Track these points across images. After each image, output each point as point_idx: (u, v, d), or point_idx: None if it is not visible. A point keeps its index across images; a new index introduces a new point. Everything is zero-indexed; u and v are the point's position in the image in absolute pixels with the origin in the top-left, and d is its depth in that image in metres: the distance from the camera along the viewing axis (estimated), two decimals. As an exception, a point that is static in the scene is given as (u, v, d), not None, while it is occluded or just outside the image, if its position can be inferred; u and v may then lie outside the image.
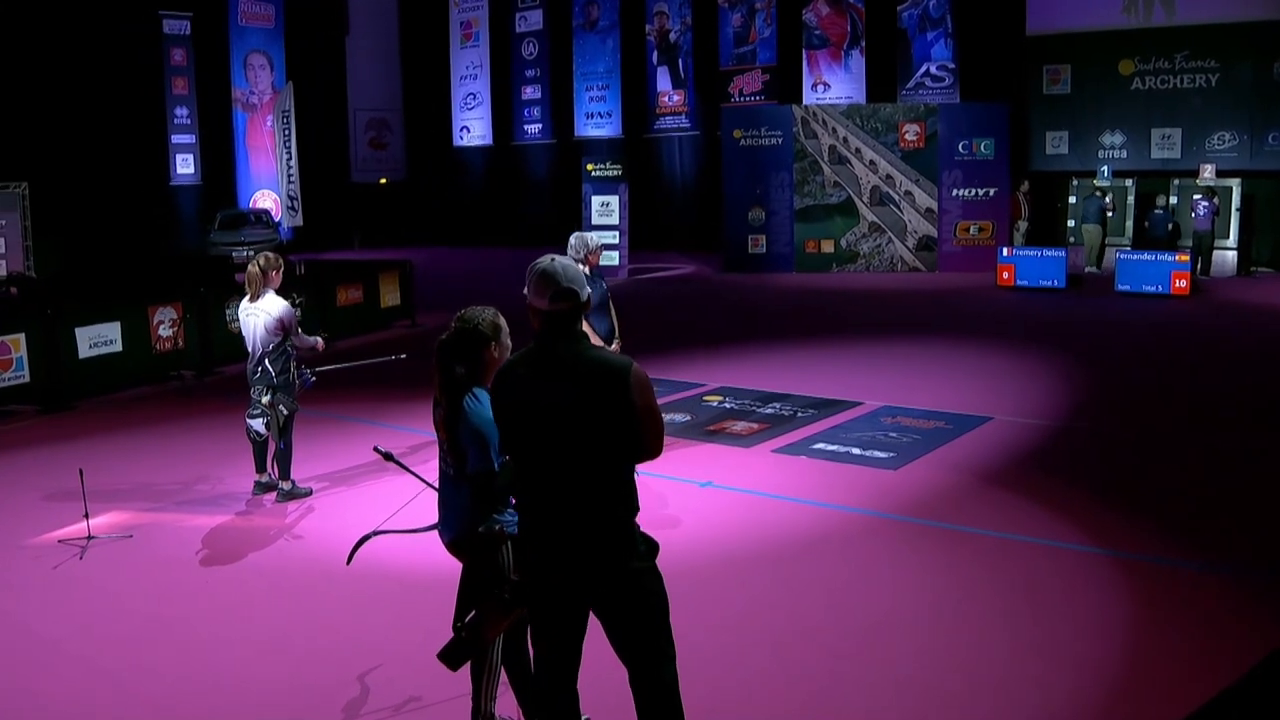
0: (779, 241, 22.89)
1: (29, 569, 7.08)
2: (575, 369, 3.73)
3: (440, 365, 4.39)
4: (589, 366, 3.74)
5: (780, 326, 16.10)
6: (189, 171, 30.26)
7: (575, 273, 3.83)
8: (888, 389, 11.40)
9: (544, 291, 3.81)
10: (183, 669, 5.58)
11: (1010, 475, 8.41)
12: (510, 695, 4.65)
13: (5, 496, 8.66)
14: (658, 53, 29.36)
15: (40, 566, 7.11)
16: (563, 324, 3.80)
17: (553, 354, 3.79)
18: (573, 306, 3.80)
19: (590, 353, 3.78)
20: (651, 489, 8.27)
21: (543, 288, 3.81)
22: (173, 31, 29.29)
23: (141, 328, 12.75)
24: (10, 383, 11.46)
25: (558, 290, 3.79)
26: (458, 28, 34.08)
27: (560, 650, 3.92)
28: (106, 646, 5.90)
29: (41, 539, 7.59)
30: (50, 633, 6.11)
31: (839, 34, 25.42)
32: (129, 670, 5.62)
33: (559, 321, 3.81)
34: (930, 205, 21.98)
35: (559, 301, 3.80)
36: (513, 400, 3.83)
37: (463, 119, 34.69)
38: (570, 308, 3.80)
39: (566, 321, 3.81)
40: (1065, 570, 6.50)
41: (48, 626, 6.20)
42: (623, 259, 23.31)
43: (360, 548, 5.03)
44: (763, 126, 22.92)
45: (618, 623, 3.85)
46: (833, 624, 5.87)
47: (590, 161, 23.74)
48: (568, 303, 3.80)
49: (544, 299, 3.80)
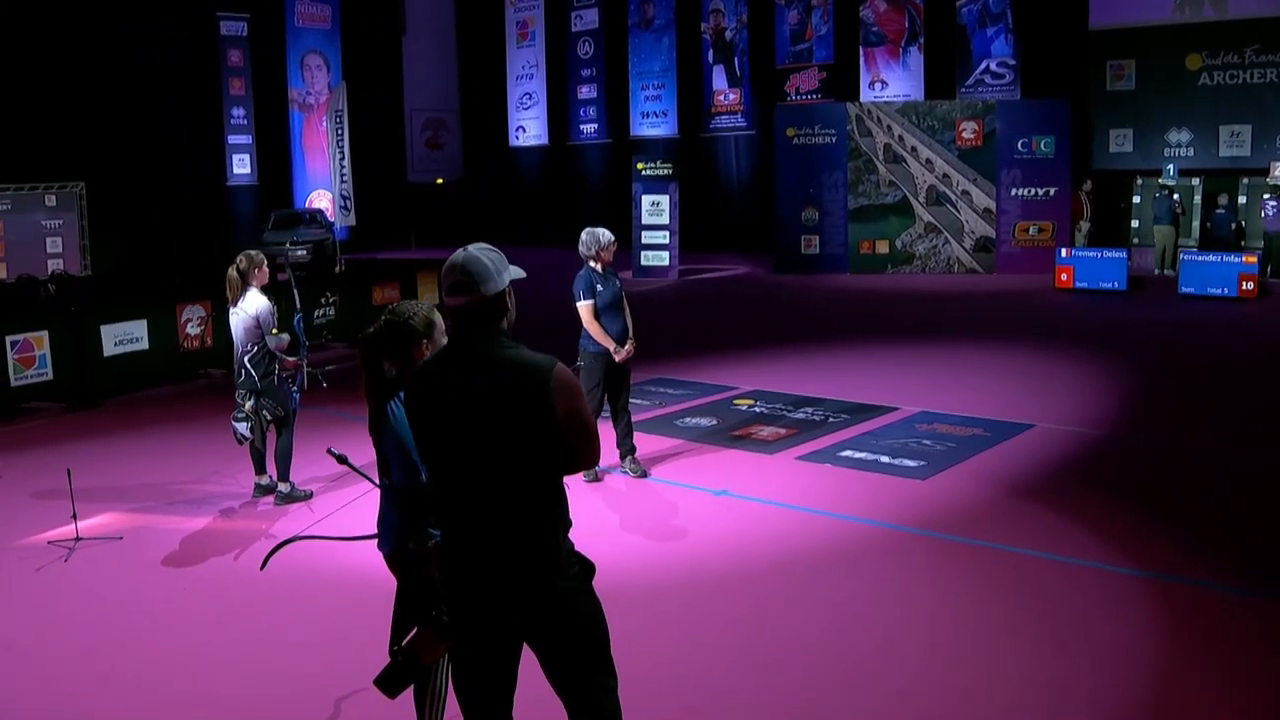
0: (833, 242, 22.38)
1: (11, 570, 6.87)
2: (489, 371, 3.35)
3: (366, 363, 4.04)
4: (505, 368, 3.35)
5: (826, 329, 15.61)
6: (245, 172, 30.34)
7: (480, 264, 3.41)
8: (927, 394, 10.90)
9: (443, 284, 3.44)
10: (142, 679, 5.30)
11: (1045, 488, 7.89)
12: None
13: (8, 494, 8.49)
14: (713, 51, 28.94)
15: (23, 568, 6.89)
16: (473, 321, 3.42)
17: (466, 355, 3.41)
18: (473, 301, 3.39)
19: (506, 353, 3.39)
20: (662, 497, 7.91)
21: (443, 280, 3.44)
22: (230, 33, 29.37)
23: (169, 326, 12.60)
24: (33, 380, 11.35)
25: (454, 283, 3.41)
26: (514, 27, 33.90)
27: (489, 686, 3.53)
28: (66, 653, 5.63)
29: (31, 539, 7.38)
30: (12, 636, 5.87)
31: (897, 31, 24.81)
32: (85, 679, 5.34)
33: (468, 318, 3.42)
34: (988, 205, 21.33)
35: (455, 295, 3.41)
36: (424, 406, 3.46)
37: (518, 119, 34.51)
38: (470, 302, 3.39)
39: (477, 318, 3.41)
40: (1093, 591, 6.00)
41: (12, 630, 5.96)
42: (673, 259, 22.92)
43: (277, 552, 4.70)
44: (816, 125, 22.42)
45: (546, 651, 3.47)
46: (834, 643, 5.44)
47: (642, 160, 23.36)
48: (464, 296, 3.39)
49: (444, 292, 3.44)
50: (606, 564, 6.63)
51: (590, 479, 8.28)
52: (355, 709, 4.88)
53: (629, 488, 8.23)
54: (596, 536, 7.16)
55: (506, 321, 3.51)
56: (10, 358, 11.11)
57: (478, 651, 3.50)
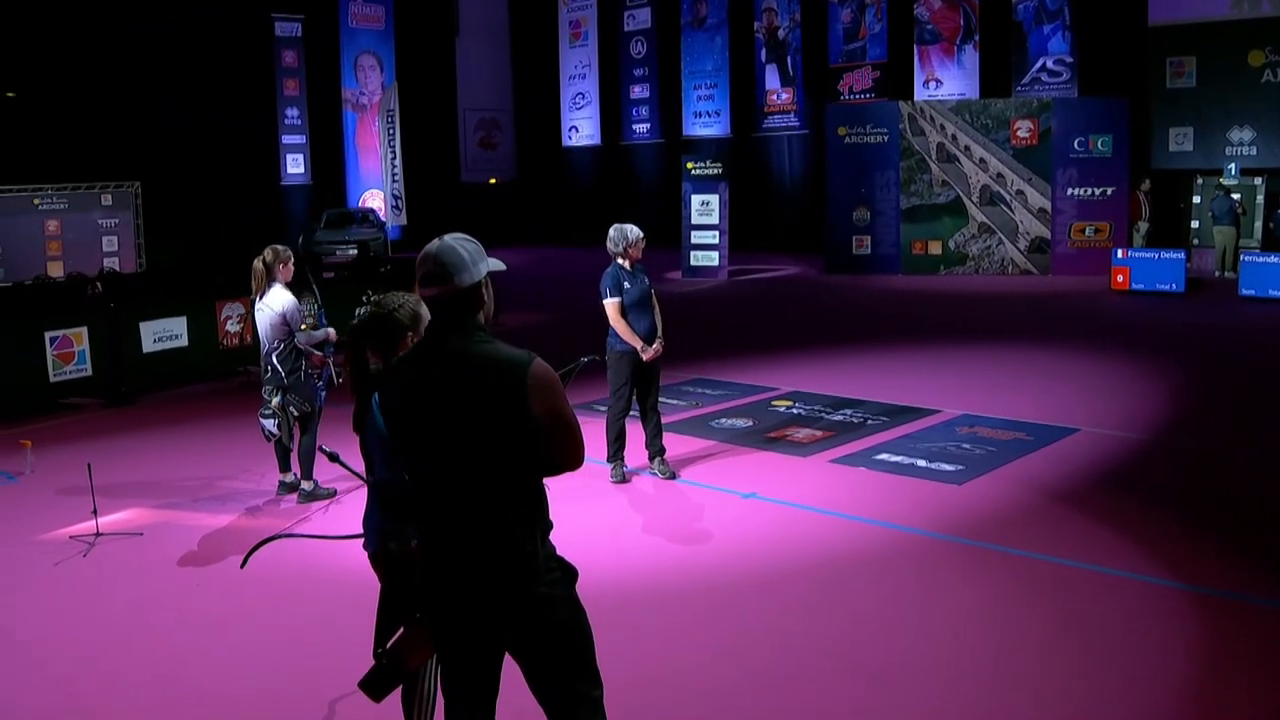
0: (884, 243, 22.07)
1: (30, 564, 6.85)
2: (463, 366, 3.20)
3: (351, 356, 3.91)
4: (479, 363, 3.19)
5: (872, 330, 15.35)
6: (299, 171, 30.58)
7: (455, 255, 3.26)
8: (970, 397, 10.64)
9: (417, 274, 3.29)
10: (145, 678, 5.21)
11: (1085, 494, 7.61)
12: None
13: (36, 489, 8.50)
14: (766, 50, 28.72)
15: (42, 562, 6.87)
16: (447, 314, 3.26)
17: (439, 349, 3.26)
18: (446, 293, 3.24)
19: (481, 347, 3.22)
20: (689, 499, 7.75)
21: (416, 270, 3.30)
22: (284, 34, 29.62)
23: (209, 323, 12.62)
24: (72, 376, 11.41)
25: (426, 273, 3.26)
26: (567, 27, 33.88)
27: (469, 691, 3.38)
28: (72, 649, 5.56)
29: (53, 534, 7.36)
30: (20, 631, 5.83)
31: (952, 28, 24.45)
32: (89, 676, 5.26)
33: (441, 310, 3.27)
34: (1043, 205, 20.91)
35: (428, 286, 3.26)
36: (397, 402, 3.31)
37: (571, 119, 34.48)
38: (443, 294, 3.24)
39: (451, 311, 3.26)
40: (1128, 602, 5.73)
41: (22, 625, 5.92)
42: (723, 259, 22.73)
43: (257, 550, 4.57)
44: (868, 124, 22.12)
45: (525, 658, 3.31)
46: (851, 654, 5.23)
47: (691, 160, 23.19)
48: (437, 287, 3.24)
49: (416, 282, 3.30)
50: (623, 566, 6.53)
51: (617, 480, 8.13)
52: (352, 711, 4.75)
53: (656, 489, 8.07)
54: (617, 538, 7.02)
55: (484, 315, 3.36)
56: (50, 353, 11.16)
57: (456, 656, 3.36)
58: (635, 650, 5.35)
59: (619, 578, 6.34)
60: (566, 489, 7.99)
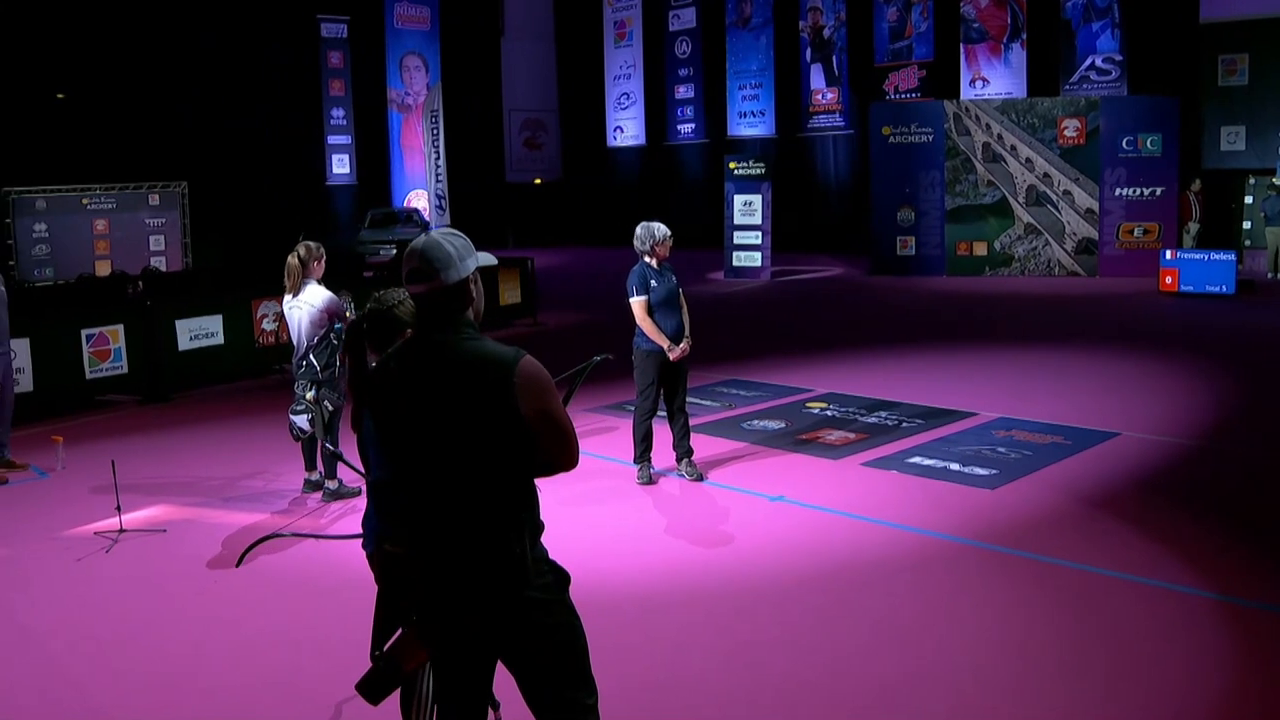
0: (929, 243, 21.82)
1: (52, 559, 6.87)
2: (450, 364, 3.11)
3: (351, 353, 3.84)
4: (465, 361, 3.11)
5: (914, 331, 15.13)
6: (345, 171, 30.75)
7: (442, 250, 3.17)
8: (1010, 399, 10.43)
9: (403, 270, 3.21)
10: (154, 674, 5.17)
11: (1123, 500, 7.41)
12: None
13: (66, 485, 8.54)
14: (811, 50, 28.53)
15: (65, 558, 6.88)
16: (434, 310, 3.18)
17: (426, 347, 3.18)
18: (432, 289, 3.16)
19: (468, 344, 3.14)
20: (715, 502, 7.63)
21: (403, 265, 3.22)
22: (330, 35, 29.79)
23: (244, 321, 12.65)
24: (108, 373, 11.48)
25: (412, 269, 3.17)
26: (611, 27, 33.85)
27: (461, 697, 3.30)
28: (85, 645, 5.55)
29: (78, 530, 7.38)
30: (36, 625, 5.83)
31: (999, 27, 24.14)
32: (99, 672, 5.24)
33: (428, 306, 3.19)
34: (1091, 206, 20.57)
35: (414, 282, 3.18)
36: (383, 400, 3.23)
37: (616, 119, 34.44)
38: (430, 290, 3.16)
39: (438, 307, 3.18)
40: (1161, 612, 5.54)
41: (38, 619, 5.91)
42: (765, 260, 22.58)
43: (255, 548, 4.50)
44: (913, 123, 21.87)
45: (516, 665, 3.22)
46: (869, 662, 5.08)
47: (734, 159, 23.05)
48: (424, 284, 3.16)
49: (403, 278, 3.22)
50: (641, 569, 6.42)
51: (644, 481, 8.03)
52: (361, 712, 4.68)
53: (682, 491, 7.96)
54: (638, 540, 6.92)
55: (473, 311, 3.27)
56: (86, 351, 11.23)
57: (447, 660, 3.28)
58: (643, 654, 5.26)
59: (635, 580, 6.24)
60: (592, 490, 7.95)
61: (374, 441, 3.58)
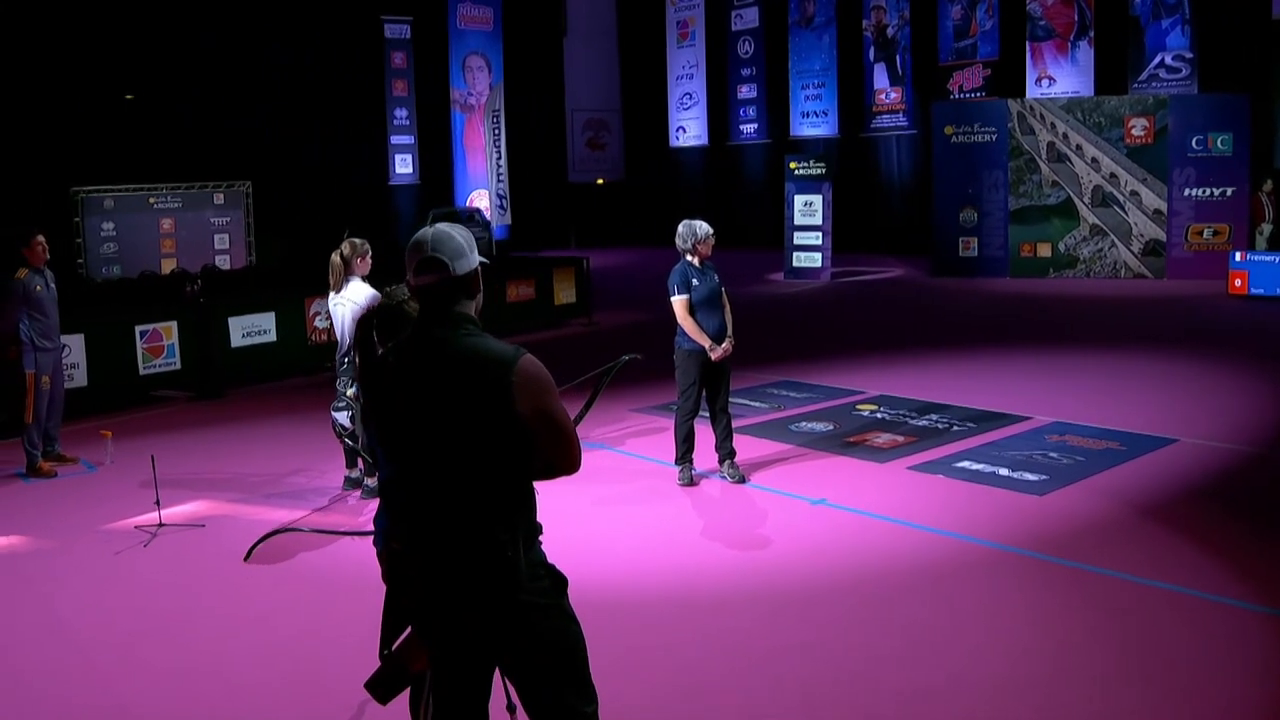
0: (992, 244, 21.45)
1: (91, 552, 6.95)
2: (448, 360, 3.05)
3: (360, 347, 3.78)
4: (463, 358, 3.04)
5: (973, 333, 14.85)
6: (408, 171, 30.90)
7: (453, 242, 3.13)
8: (1065, 403, 10.18)
9: (410, 262, 3.16)
10: (176, 668, 5.18)
11: (1176, 509, 7.18)
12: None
13: (113, 479, 8.64)
14: (875, 49, 28.20)
15: (103, 551, 6.96)
16: (440, 301, 3.12)
17: (425, 342, 3.12)
18: (441, 280, 3.10)
19: (466, 341, 3.07)
20: (755, 504, 7.52)
21: (410, 258, 3.16)
22: (393, 35, 29.95)
23: (296, 318, 12.74)
24: (161, 369, 11.61)
25: (423, 259, 3.12)
26: (674, 27, 33.75)
27: (458, 702, 3.23)
28: (112, 638, 5.58)
29: (119, 524, 7.45)
30: (67, 618, 5.88)
31: (1066, 24, 23.68)
32: (126, 664, 5.26)
33: (435, 297, 3.13)
34: (1159, 206, 20.09)
35: (424, 273, 3.12)
36: (379, 396, 3.18)
37: (679, 119, 34.33)
38: (441, 280, 3.11)
39: (445, 299, 3.12)
40: (1206, 626, 5.33)
41: (72, 612, 5.96)
42: (825, 260, 22.35)
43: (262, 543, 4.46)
44: (975, 122, 21.52)
45: (513, 670, 3.15)
46: (897, 670, 4.94)
47: (795, 159, 22.85)
48: (434, 275, 3.10)
49: (410, 271, 3.16)
50: (673, 570, 6.32)
51: (684, 482, 7.93)
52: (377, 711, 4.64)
53: (723, 493, 7.85)
54: (673, 542, 6.84)
55: (475, 306, 3.21)
56: (139, 347, 11.36)
57: (443, 663, 3.21)
58: (667, 657, 5.18)
59: (666, 582, 6.16)
60: (632, 490, 7.88)
61: (374, 437, 3.53)
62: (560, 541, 6.72)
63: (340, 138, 28.50)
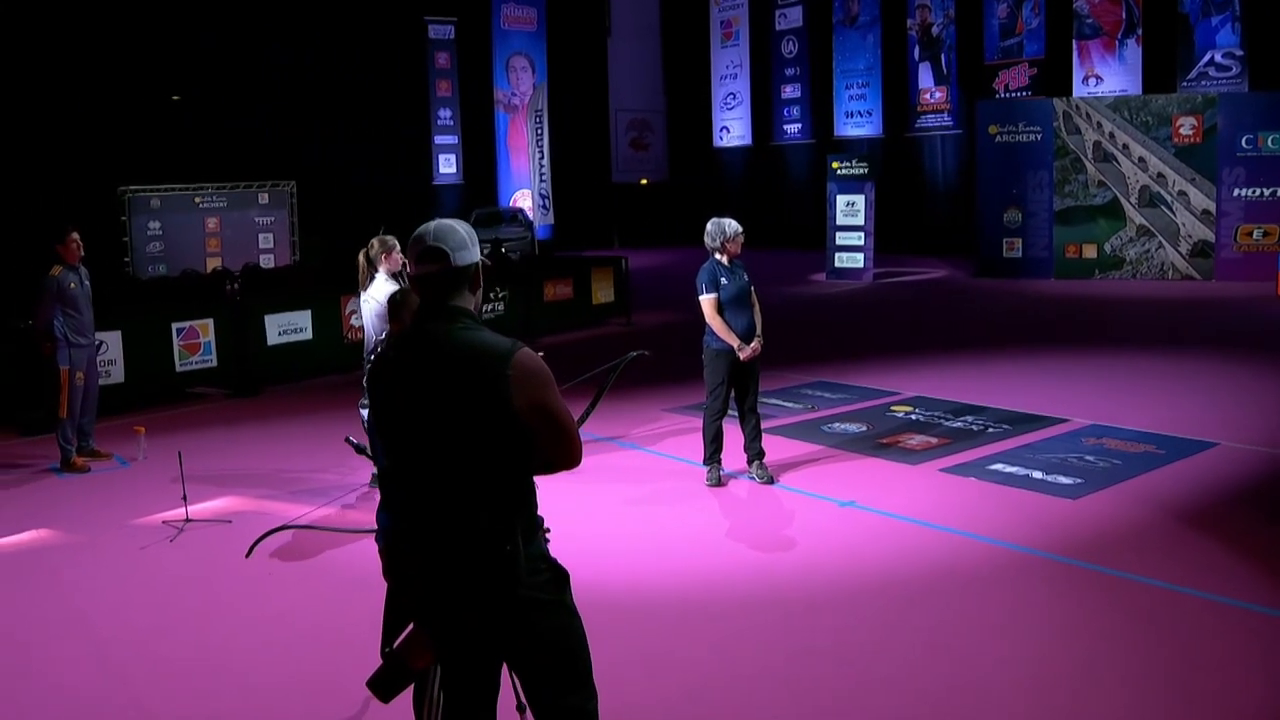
0: (1036, 245, 21.21)
1: (118, 547, 6.99)
2: (445, 353, 3.01)
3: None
4: (459, 351, 3.00)
5: (1013, 335, 14.67)
6: (451, 171, 31.05)
7: (456, 234, 3.10)
8: (1104, 406, 10.01)
9: (412, 253, 3.14)
10: (192, 665, 5.17)
11: (1211, 514, 7.02)
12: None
13: (145, 474, 8.69)
14: (920, 48, 28.00)
15: (129, 546, 6.99)
16: (440, 293, 3.09)
17: (421, 335, 3.09)
18: (442, 271, 3.07)
19: (463, 333, 3.03)
20: (782, 505, 7.44)
21: (411, 250, 3.14)
22: (437, 36, 30.11)
23: (333, 316, 12.78)
24: (198, 366, 11.69)
25: (424, 249, 3.09)
26: (718, 27, 33.69)
27: (466, 696, 3.20)
28: (130, 633, 5.59)
29: (147, 519, 7.49)
30: (87, 612, 5.91)
31: (1113, 22, 23.38)
32: (142, 660, 5.26)
33: (435, 288, 3.10)
34: (1207, 207, 19.77)
35: (424, 263, 3.10)
36: (379, 389, 3.15)
37: (723, 119, 34.27)
38: (442, 270, 3.07)
39: (445, 289, 3.09)
40: (1240, 637, 5.17)
41: (93, 606, 5.99)
42: (868, 261, 22.21)
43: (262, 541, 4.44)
44: (1020, 121, 21.29)
45: (515, 666, 3.11)
46: (918, 677, 4.84)
47: (837, 159, 22.70)
48: (435, 264, 3.08)
49: (412, 262, 3.14)
50: (697, 572, 6.25)
51: (712, 483, 7.86)
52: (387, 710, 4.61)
53: (750, 494, 7.77)
54: (697, 543, 6.77)
55: (475, 302, 3.18)
56: (176, 344, 11.44)
57: (449, 658, 3.18)
58: (685, 660, 5.11)
59: (688, 583, 6.09)
60: (659, 491, 7.82)
61: (372, 430, 3.50)
62: (584, 540, 6.73)
63: (384, 138, 28.67)
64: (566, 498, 7.56)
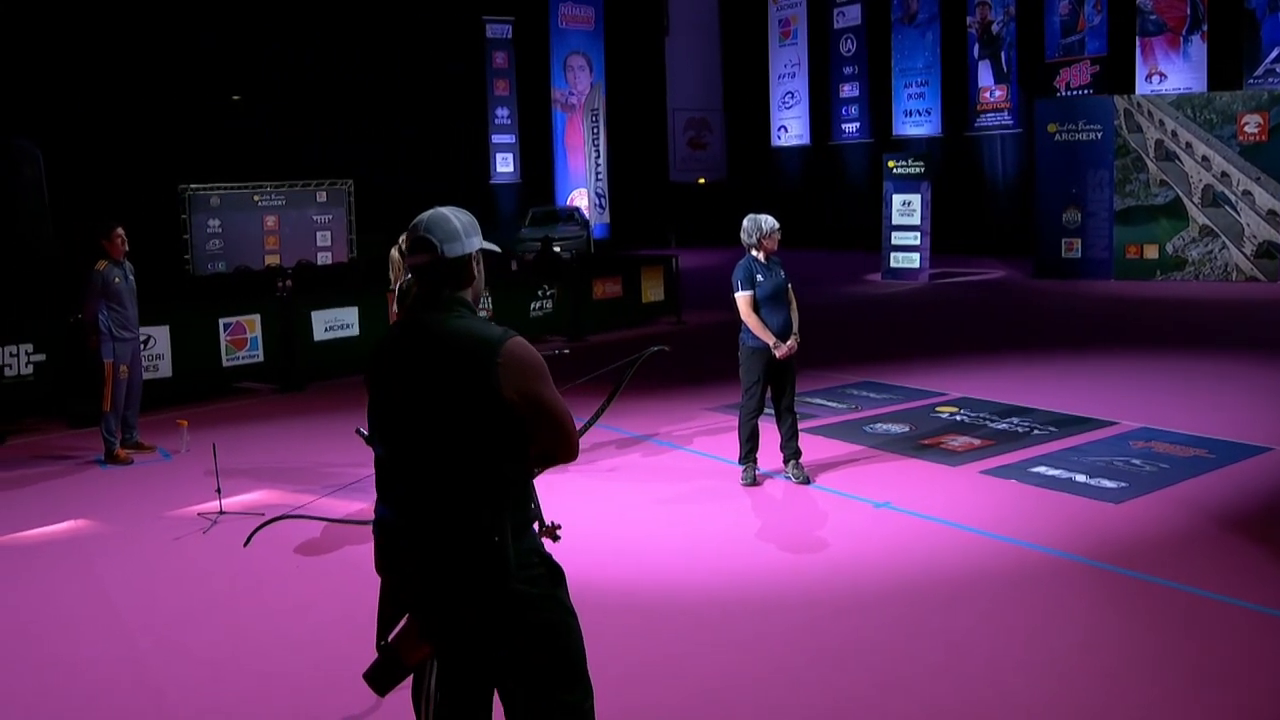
0: (1096, 246, 20.84)
1: (151, 538, 7.06)
2: (436, 342, 2.98)
3: None
4: (449, 339, 2.97)
5: (1069, 337, 14.40)
6: (508, 170, 31.16)
7: (448, 225, 3.06)
8: (1155, 409, 9.79)
9: (405, 243, 3.12)
10: (209, 655, 5.19)
11: (1258, 521, 6.80)
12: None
13: (186, 467, 8.78)
14: (979, 46, 27.64)
15: (163, 537, 7.06)
16: (432, 284, 3.07)
17: (416, 324, 3.06)
18: (432, 261, 3.04)
19: (456, 322, 3.00)
20: (817, 506, 7.34)
21: (406, 239, 3.12)
22: (495, 35, 30.24)
23: (380, 313, 12.83)
24: (245, 361, 11.79)
25: (415, 240, 3.07)
26: (776, 25, 33.50)
27: (459, 692, 3.15)
28: (155, 622, 5.62)
29: (182, 511, 7.57)
30: (118, 602, 5.95)
31: (1177, 18, 22.92)
32: (162, 648, 5.29)
33: (426, 280, 3.08)
34: (1273, 207, 19.29)
35: (414, 254, 3.08)
36: (374, 379, 3.13)
37: (781, 118, 34.08)
38: (430, 262, 3.04)
39: (437, 281, 3.06)
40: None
41: (122, 595, 6.03)
42: (924, 261, 21.96)
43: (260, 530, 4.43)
44: (1080, 120, 20.92)
45: (508, 661, 3.06)
46: (940, 684, 4.72)
47: (893, 158, 22.47)
48: (425, 255, 3.05)
49: (406, 250, 3.12)
50: (725, 572, 6.18)
51: (747, 482, 7.78)
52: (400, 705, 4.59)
53: (785, 494, 7.67)
54: (727, 542, 6.70)
55: (472, 292, 3.14)
56: (223, 339, 11.55)
57: (442, 652, 3.14)
58: (702, 660, 5.03)
59: (713, 583, 6.02)
60: (693, 490, 7.75)
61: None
62: (615, 540, 6.69)
63: (442, 137, 28.84)
64: (598, 496, 7.52)
